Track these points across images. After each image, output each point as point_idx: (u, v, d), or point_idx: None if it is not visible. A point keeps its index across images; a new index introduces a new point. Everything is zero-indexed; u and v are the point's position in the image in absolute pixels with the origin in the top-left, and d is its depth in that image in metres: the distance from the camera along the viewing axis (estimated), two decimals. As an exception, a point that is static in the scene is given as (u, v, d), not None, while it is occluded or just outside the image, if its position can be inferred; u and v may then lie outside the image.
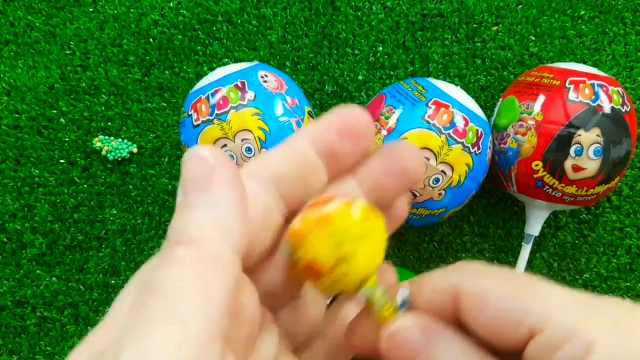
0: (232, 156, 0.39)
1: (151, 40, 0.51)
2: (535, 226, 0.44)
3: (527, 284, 0.16)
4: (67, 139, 0.50)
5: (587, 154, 0.39)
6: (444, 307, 0.17)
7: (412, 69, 0.51)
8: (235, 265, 0.15)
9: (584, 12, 0.50)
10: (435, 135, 0.38)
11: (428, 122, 0.38)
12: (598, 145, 0.39)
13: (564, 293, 0.15)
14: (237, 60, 0.51)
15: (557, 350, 0.14)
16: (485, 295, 0.16)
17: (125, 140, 0.50)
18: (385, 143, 0.39)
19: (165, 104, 0.51)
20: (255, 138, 0.39)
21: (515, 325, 0.15)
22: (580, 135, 0.38)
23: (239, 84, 0.40)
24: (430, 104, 0.39)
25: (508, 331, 0.15)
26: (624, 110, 0.40)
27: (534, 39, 0.50)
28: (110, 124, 0.50)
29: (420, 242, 0.49)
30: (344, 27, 0.51)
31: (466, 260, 0.18)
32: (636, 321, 0.14)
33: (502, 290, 0.16)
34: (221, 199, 0.15)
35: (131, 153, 0.50)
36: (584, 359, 0.14)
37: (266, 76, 0.41)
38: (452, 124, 0.38)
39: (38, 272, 0.48)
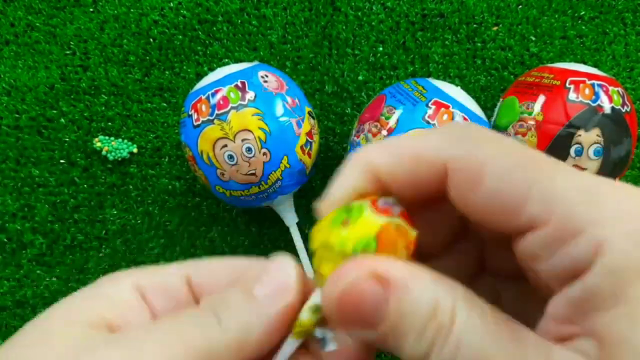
0: (232, 156, 0.39)
1: (151, 40, 0.51)
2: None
3: (530, 160, 0.13)
4: (67, 139, 0.50)
5: (587, 154, 0.39)
6: (426, 182, 0.14)
7: (412, 69, 0.51)
8: None
9: (584, 12, 0.50)
10: (435, 135, 0.38)
11: (428, 122, 0.38)
12: (598, 145, 0.39)
13: (571, 177, 0.13)
14: (237, 60, 0.51)
15: (559, 248, 0.12)
16: (480, 171, 0.13)
17: (125, 140, 0.50)
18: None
19: (165, 104, 0.51)
20: (255, 138, 0.39)
21: (513, 211, 0.13)
22: (580, 135, 0.38)
23: (239, 83, 0.40)
24: (430, 104, 0.39)
25: (503, 218, 0.13)
26: (624, 110, 0.40)
27: (534, 39, 0.50)
28: (110, 124, 0.50)
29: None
30: (344, 27, 0.51)
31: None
32: None
33: (502, 165, 0.13)
34: None
35: (131, 153, 0.50)
36: (590, 261, 0.12)
37: (266, 76, 0.41)
38: (452, 124, 0.38)
39: (38, 272, 0.48)
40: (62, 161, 0.50)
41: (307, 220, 0.49)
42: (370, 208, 0.15)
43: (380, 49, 0.51)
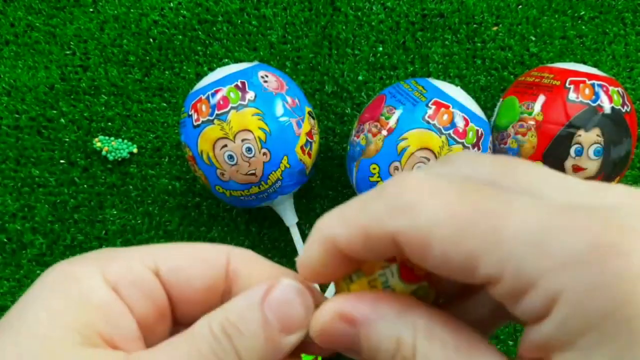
0: (232, 156, 0.39)
1: (151, 40, 0.51)
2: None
3: (474, 217, 0.13)
4: (67, 139, 0.50)
5: (587, 153, 0.39)
6: (383, 250, 0.15)
7: (412, 69, 0.51)
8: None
9: (584, 12, 0.50)
10: (435, 135, 0.38)
11: (428, 122, 0.38)
12: (598, 145, 0.39)
13: (517, 224, 0.12)
14: (237, 60, 0.51)
15: (517, 300, 0.13)
16: (426, 241, 0.13)
17: (125, 140, 0.50)
18: (386, 142, 0.39)
19: (165, 104, 0.51)
20: (255, 138, 0.39)
21: (466, 274, 0.13)
22: (580, 135, 0.38)
23: (239, 84, 0.40)
24: (430, 104, 0.39)
25: (462, 277, 0.14)
26: (624, 110, 0.40)
27: (534, 39, 0.50)
28: (110, 124, 0.50)
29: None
30: (344, 27, 0.51)
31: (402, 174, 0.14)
32: (605, 255, 0.12)
33: (445, 234, 0.13)
34: None
35: (131, 153, 0.50)
36: (548, 312, 0.12)
37: (266, 76, 0.41)
38: (452, 124, 0.38)
39: (38, 272, 0.48)
40: (62, 161, 0.50)
41: (307, 220, 0.49)
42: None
43: (380, 49, 0.51)
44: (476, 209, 0.13)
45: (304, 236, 0.47)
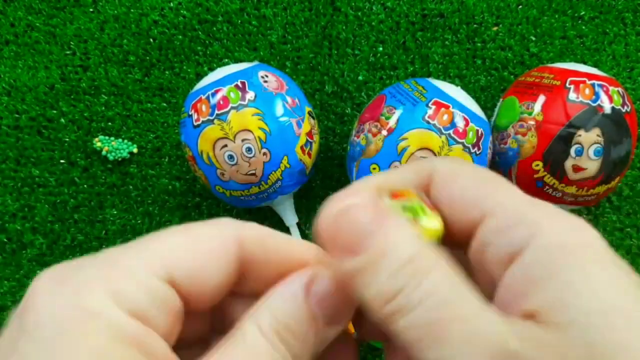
0: (232, 156, 0.39)
1: (151, 40, 0.51)
2: (535, 226, 0.44)
3: (492, 178, 0.17)
4: (67, 139, 0.50)
5: (587, 153, 0.39)
6: (419, 181, 0.18)
7: (412, 69, 0.51)
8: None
9: (584, 12, 0.50)
10: (435, 135, 0.38)
11: (428, 122, 0.38)
12: (598, 145, 0.39)
13: (519, 192, 0.17)
14: (237, 60, 0.51)
15: (503, 233, 0.15)
16: (455, 175, 0.18)
17: (125, 140, 0.50)
18: (386, 142, 0.39)
19: (165, 104, 0.51)
20: (255, 138, 0.39)
21: (472, 204, 0.17)
22: (580, 135, 0.38)
23: (239, 84, 0.40)
24: (430, 104, 0.39)
25: (464, 209, 0.17)
26: (624, 110, 0.40)
27: (534, 39, 0.50)
28: (110, 124, 0.50)
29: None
30: (344, 27, 0.51)
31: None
32: (575, 218, 0.15)
33: (472, 176, 0.17)
34: None
35: (131, 153, 0.50)
36: (528, 242, 0.15)
37: (266, 76, 0.41)
38: (452, 124, 0.38)
39: (38, 272, 0.48)
40: (62, 161, 0.50)
41: (307, 220, 0.49)
42: (428, 209, 0.18)
43: (380, 49, 0.51)
44: (490, 173, 0.18)
45: (304, 236, 0.47)
